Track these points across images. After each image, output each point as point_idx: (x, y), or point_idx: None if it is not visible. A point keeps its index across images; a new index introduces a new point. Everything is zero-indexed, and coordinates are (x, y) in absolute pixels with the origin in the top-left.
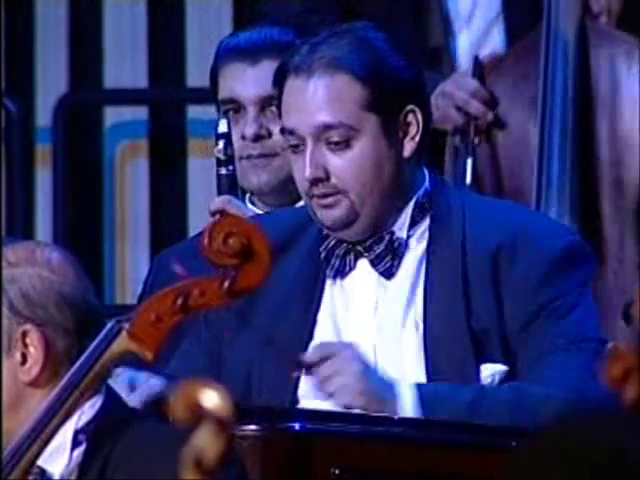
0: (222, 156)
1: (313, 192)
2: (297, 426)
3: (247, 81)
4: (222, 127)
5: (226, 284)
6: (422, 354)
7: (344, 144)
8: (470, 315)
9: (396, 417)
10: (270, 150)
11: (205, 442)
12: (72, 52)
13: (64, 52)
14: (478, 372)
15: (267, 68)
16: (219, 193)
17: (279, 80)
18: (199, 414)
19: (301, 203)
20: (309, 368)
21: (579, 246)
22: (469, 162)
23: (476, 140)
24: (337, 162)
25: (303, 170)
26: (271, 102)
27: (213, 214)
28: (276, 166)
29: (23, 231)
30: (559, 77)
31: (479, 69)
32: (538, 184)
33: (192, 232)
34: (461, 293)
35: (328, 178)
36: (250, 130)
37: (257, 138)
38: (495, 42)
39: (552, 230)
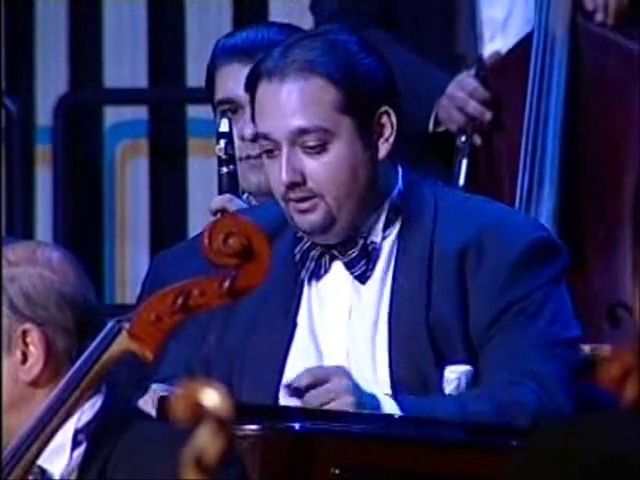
0: (223, 155)
1: (289, 196)
2: (297, 426)
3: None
4: (223, 127)
5: (226, 284)
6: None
7: (320, 148)
8: (429, 311)
9: (396, 416)
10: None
11: (205, 441)
12: (72, 52)
13: (64, 52)
14: (437, 370)
15: None
16: (220, 192)
17: (251, 84)
18: (199, 413)
19: None
20: (300, 393)
21: (549, 241)
22: (464, 163)
23: (478, 140)
24: (313, 166)
25: (279, 175)
26: None
27: (214, 213)
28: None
29: (23, 231)
30: (553, 79)
31: (482, 69)
32: (529, 184)
33: (192, 232)
34: (424, 290)
35: (305, 182)
36: (249, 130)
37: (256, 138)
38: None
39: (521, 226)
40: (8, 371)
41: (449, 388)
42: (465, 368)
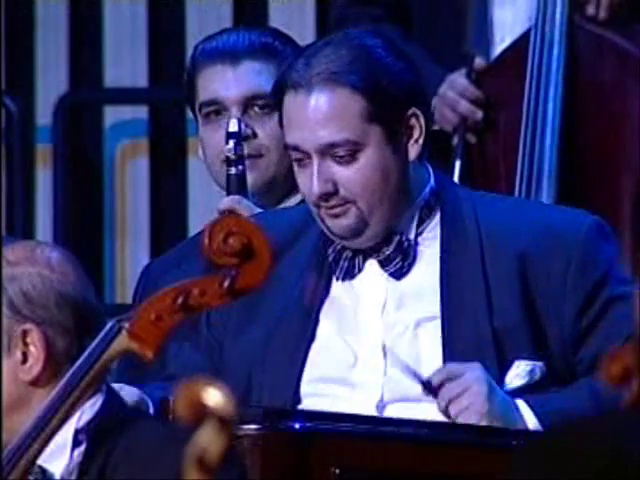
0: (232, 156)
1: (322, 204)
2: (297, 426)
3: (229, 82)
4: (232, 127)
5: (226, 283)
6: (439, 351)
7: (350, 157)
8: (492, 314)
9: (396, 417)
10: (256, 151)
11: (208, 440)
12: (72, 51)
13: (64, 51)
14: (498, 369)
15: (248, 69)
16: (228, 193)
17: (278, 95)
18: (202, 412)
19: (289, 202)
20: (435, 390)
21: (599, 223)
22: (457, 164)
23: (471, 139)
24: (345, 174)
25: (311, 185)
26: (254, 102)
27: (222, 214)
28: (262, 167)
29: (23, 230)
30: (551, 78)
31: (473, 69)
32: (528, 183)
33: (192, 231)
34: (483, 291)
35: (337, 191)
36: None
37: (227, 136)
38: None
39: (570, 219)
40: (8, 371)
41: (521, 381)
42: (537, 362)
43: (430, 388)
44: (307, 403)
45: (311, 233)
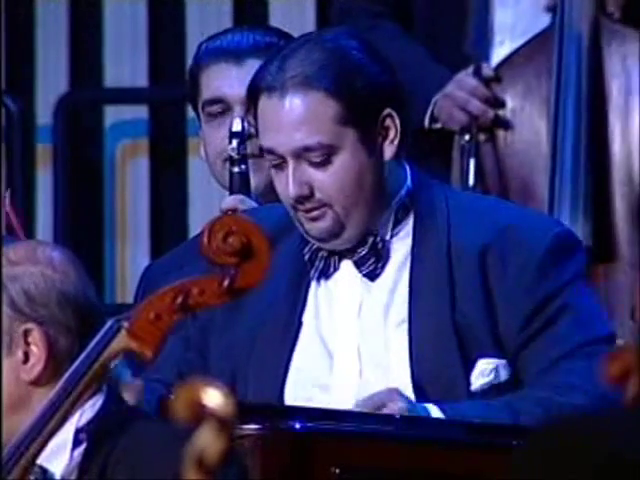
0: (235, 155)
1: (298, 207)
2: (297, 425)
3: (233, 81)
4: (236, 126)
5: (225, 283)
6: (407, 353)
7: (325, 160)
8: (454, 311)
9: (396, 416)
10: (259, 150)
11: (207, 441)
12: (72, 51)
13: (64, 51)
14: (462, 370)
15: (252, 67)
16: (231, 192)
17: (252, 98)
18: (201, 413)
19: None
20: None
21: (569, 236)
22: (472, 163)
23: (482, 138)
24: (320, 177)
25: (286, 187)
26: None
27: (225, 213)
28: (266, 166)
29: (23, 230)
30: (572, 75)
31: (480, 68)
32: (551, 183)
33: (192, 231)
34: (447, 290)
35: (312, 194)
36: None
37: (231, 136)
38: None
39: (539, 224)
40: (9, 370)
41: (485, 380)
42: (501, 360)
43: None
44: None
45: (295, 231)
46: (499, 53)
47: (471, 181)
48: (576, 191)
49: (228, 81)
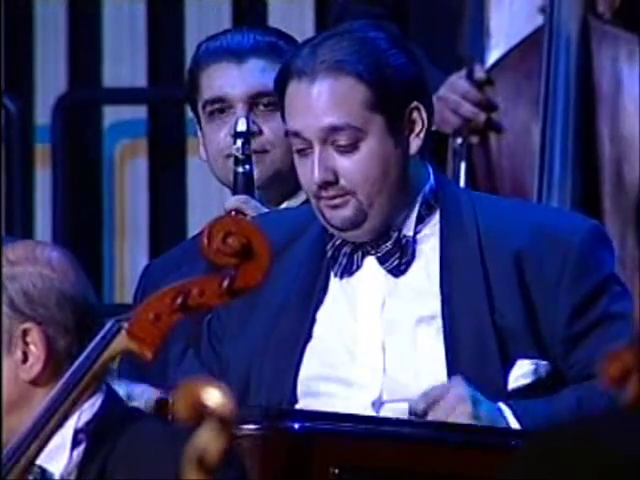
0: (240, 155)
1: (321, 194)
2: (297, 426)
3: (234, 79)
4: (241, 126)
5: (225, 283)
6: (441, 349)
7: (351, 146)
8: (494, 313)
9: (395, 417)
10: (261, 147)
11: (207, 441)
12: (71, 51)
13: (63, 51)
14: (501, 369)
15: (253, 66)
16: (235, 192)
17: (281, 84)
18: (201, 413)
19: (293, 201)
20: (421, 415)
21: (599, 229)
22: (462, 165)
23: (474, 140)
24: (345, 164)
25: (311, 173)
26: (259, 100)
27: (229, 213)
28: (267, 163)
29: (22, 230)
30: (561, 76)
31: (473, 71)
32: (539, 183)
33: (191, 231)
34: (483, 291)
35: (337, 180)
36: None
37: (235, 135)
38: None
39: (569, 221)
40: (8, 370)
41: (525, 381)
42: (540, 361)
43: (417, 416)
44: (304, 402)
45: (311, 233)
46: (494, 55)
47: (462, 183)
48: (564, 192)
49: (229, 80)
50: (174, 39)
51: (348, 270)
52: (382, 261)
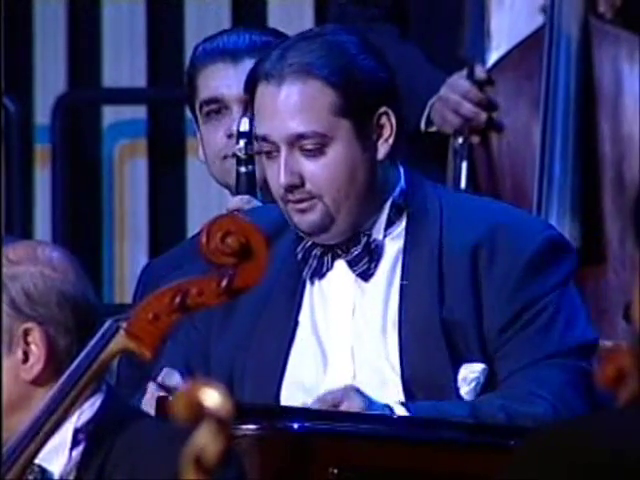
0: (242, 155)
1: (288, 198)
2: (296, 426)
3: (230, 80)
4: (244, 126)
5: (224, 283)
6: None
7: (317, 151)
8: (442, 308)
9: (396, 417)
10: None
11: (205, 441)
12: (71, 51)
13: (63, 51)
14: (451, 369)
15: (249, 66)
16: (237, 192)
17: (250, 86)
18: (200, 413)
19: None
20: None
21: (558, 240)
22: (464, 165)
23: (475, 140)
24: (311, 168)
25: (278, 177)
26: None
27: (231, 213)
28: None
29: (22, 230)
30: (562, 76)
31: (473, 71)
32: (539, 183)
33: (191, 231)
34: (436, 288)
35: (303, 184)
36: (236, 128)
37: (238, 135)
38: None
39: (531, 226)
40: (9, 370)
41: (467, 388)
42: (482, 366)
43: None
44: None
45: (291, 231)
46: (495, 56)
47: (463, 183)
48: (564, 191)
49: (225, 81)
50: (174, 39)
51: (318, 272)
52: (351, 265)
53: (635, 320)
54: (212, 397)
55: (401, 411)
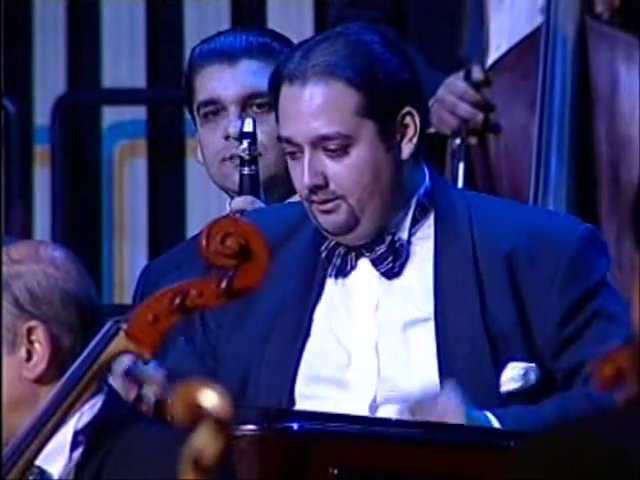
0: (246, 156)
1: (312, 198)
2: (295, 426)
3: (227, 81)
4: (247, 127)
5: (224, 284)
6: (433, 351)
7: (341, 151)
8: (486, 316)
9: (393, 418)
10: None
11: (204, 442)
12: (70, 52)
13: (62, 52)
14: (494, 371)
15: (246, 68)
16: (241, 193)
17: (274, 88)
18: (198, 414)
19: (288, 201)
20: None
21: (593, 233)
22: (461, 166)
23: (472, 141)
24: (335, 168)
25: (302, 177)
26: (252, 101)
27: (234, 214)
28: (261, 165)
29: (22, 231)
30: (558, 77)
31: (471, 72)
32: (535, 184)
33: (190, 232)
34: (476, 292)
35: (327, 185)
36: (234, 129)
37: (241, 136)
38: None
39: (563, 224)
40: (12, 368)
41: (515, 385)
42: (530, 364)
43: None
44: (301, 403)
45: (306, 230)
46: (496, 57)
47: (460, 184)
48: (560, 192)
49: (222, 82)
50: (173, 40)
51: (342, 271)
52: (376, 263)
53: (635, 320)
54: (210, 398)
55: (494, 421)
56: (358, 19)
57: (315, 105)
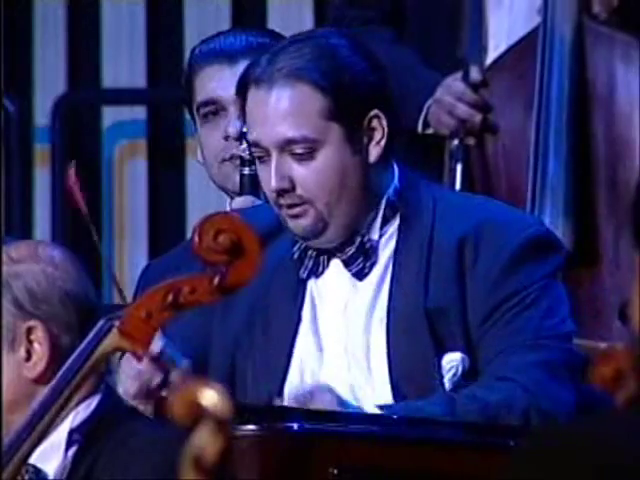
0: (246, 156)
1: (280, 202)
2: (295, 426)
3: (227, 81)
4: None
5: (216, 281)
6: (385, 351)
7: (308, 155)
8: (427, 302)
9: (395, 417)
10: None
11: (204, 441)
12: (70, 52)
13: (62, 52)
14: (436, 356)
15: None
16: (241, 193)
17: (241, 91)
18: (198, 413)
19: None
20: None
21: (545, 237)
22: (459, 167)
23: (471, 142)
24: (302, 172)
25: (269, 181)
26: None
27: None
28: None
29: (21, 231)
30: (555, 77)
31: (469, 72)
32: (533, 184)
33: (190, 232)
34: (422, 283)
35: (294, 188)
36: (234, 129)
37: (241, 136)
38: None
39: (518, 221)
40: (12, 368)
41: (446, 377)
42: (460, 356)
43: None
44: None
45: (288, 232)
46: (494, 58)
47: (458, 185)
48: (558, 193)
49: (222, 82)
50: (173, 39)
51: (314, 272)
52: (347, 264)
53: (634, 320)
54: (210, 397)
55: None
56: (356, 19)
57: (282, 108)
